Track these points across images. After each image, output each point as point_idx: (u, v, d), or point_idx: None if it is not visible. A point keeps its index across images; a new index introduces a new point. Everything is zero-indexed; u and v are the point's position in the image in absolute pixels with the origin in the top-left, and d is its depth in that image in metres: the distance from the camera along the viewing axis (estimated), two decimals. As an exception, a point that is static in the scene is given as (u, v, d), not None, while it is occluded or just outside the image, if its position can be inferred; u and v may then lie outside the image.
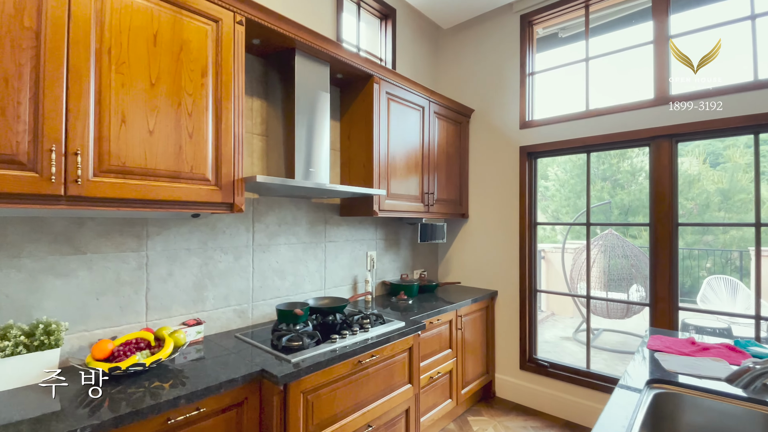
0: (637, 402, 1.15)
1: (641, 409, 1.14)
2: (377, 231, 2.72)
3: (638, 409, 1.12)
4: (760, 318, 2.09)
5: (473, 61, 3.11)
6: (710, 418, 1.21)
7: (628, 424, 1.01)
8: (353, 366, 1.63)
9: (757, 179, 2.10)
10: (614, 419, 1.04)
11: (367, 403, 1.71)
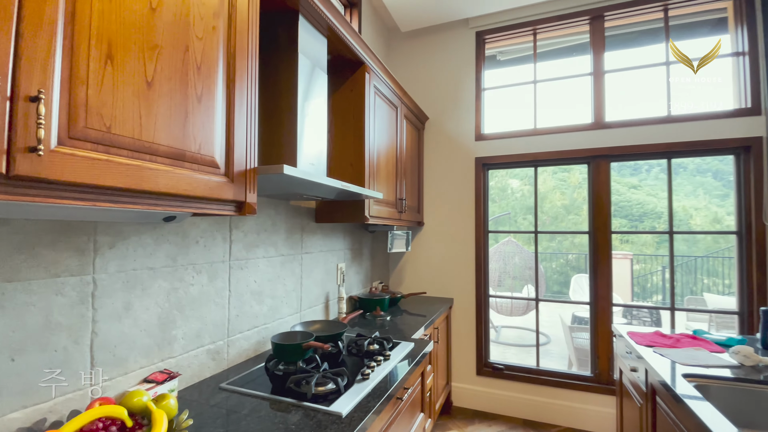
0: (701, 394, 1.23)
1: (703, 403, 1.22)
2: (345, 240, 2.41)
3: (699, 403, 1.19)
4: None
5: (429, 68, 3.10)
6: (732, 397, 1.38)
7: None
8: (394, 404, 1.35)
9: (669, 197, 2.62)
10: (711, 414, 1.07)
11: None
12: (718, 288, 6.65)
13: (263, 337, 1.66)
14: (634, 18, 2.69)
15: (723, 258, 7.08)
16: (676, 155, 2.53)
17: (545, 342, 5.01)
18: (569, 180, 10.31)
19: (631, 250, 8.07)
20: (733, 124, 2.37)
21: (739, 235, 2.42)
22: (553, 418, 2.63)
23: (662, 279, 7.44)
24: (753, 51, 2.35)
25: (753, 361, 1.52)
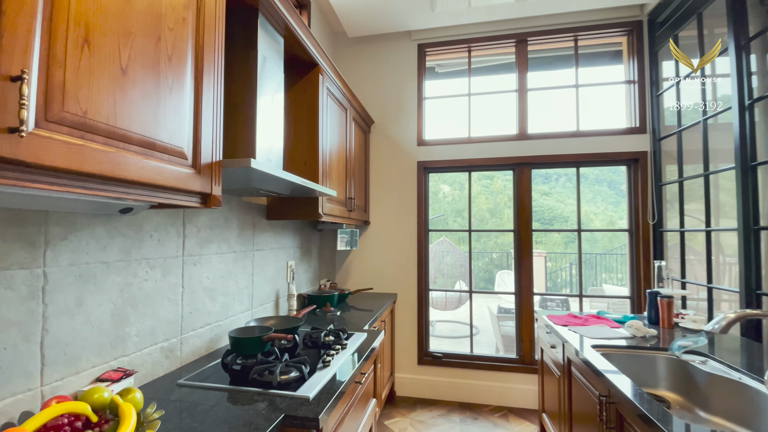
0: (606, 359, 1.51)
1: (608, 364, 1.50)
2: (295, 238, 2.43)
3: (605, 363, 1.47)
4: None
5: (374, 74, 3.23)
6: (628, 362, 1.70)
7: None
8: (354, 388, 1.43)
9: (578, 199, 3.05)
10: (614, 374, 1.33)
11: (361, 421, 1.52)
12: (613, 280, 7.76)
13: (216, 335, 1.63)
14: (552, 44, 3.10)
15: (617, 255, 8.26)
16: (583, 164, 2.97)
17: (475, 333, 5.41)
18: (493, 186, 11.24)
19: (545, 249, 9.06)
20: (626, 140, 2.86)
21: (630, 233, 2.91)
22: (486, 398, 2.90)
23: (569, 274, 8.46)
24: (641, 80, 2.86)
25: (642, 332, 1.88)
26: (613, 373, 1.39)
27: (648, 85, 2.82)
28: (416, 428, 2.54)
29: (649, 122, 2.81)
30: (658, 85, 2.76)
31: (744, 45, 1.93)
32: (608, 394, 1.38)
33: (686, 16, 2.39)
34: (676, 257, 2.57)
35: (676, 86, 2.53)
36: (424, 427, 2.56)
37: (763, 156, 1.91)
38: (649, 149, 2.81)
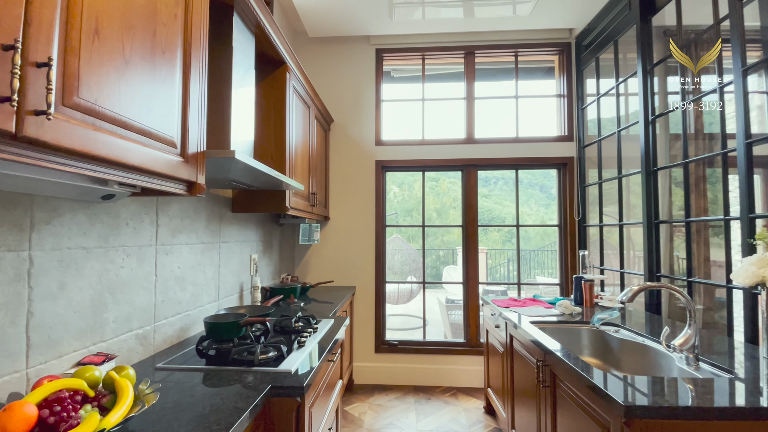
0: (542, 332, 1.78)
1: (544, 335, 1.77)
2: (258, 231, 2.46)
3: (542, 334, 1.74)
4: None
5: (334, 74, 3.34)
6: (559, 334, 2.00)
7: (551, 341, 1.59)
8: (327, 365, 1.55)
9: (516, 198, 3.41)
10: (548, 342, 1.60)
11: (329, 403, 1.63)
12: (545, 274, 8.55)
13: (186, 324, 1.65)
14: (496, 58, 3.43)
15: (548, 251, 9.11)
16: (521, 167, 3.34)
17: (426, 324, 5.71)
18: (439, 188, 11.80)
19: (485, 246, 9.71)
20: (556, 146, 3.26)
21: (560, 228, 3.32)
22: (437, 380, 3.14)
23: (507, 269, 9.17)
24: (569, 94, 3.28)
25: (570, 310, 2.20)
26: (548, 341, 1.65)
27: (575, 99, 3.25)
28: (374, 411, 2.70)
29: (576, 131, 3.24)
30: (583, 99, 3.20)
31: (649, 70, 2.35)
32: (544, 358, 1.64)
33: (606, 42, 2.81)
34: (596, 249, 3.00)
35: (597, 101, 2.95)
36: (381, 409, 2.72)
37: (662, 162, 2.34)
38: (575, 155, 3.23)
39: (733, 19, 1.71)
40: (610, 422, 1.13)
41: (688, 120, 2.15)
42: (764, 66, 1.71)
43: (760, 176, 2.35)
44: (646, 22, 2.35)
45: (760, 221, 1.67)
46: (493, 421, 2.57)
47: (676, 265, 2.48)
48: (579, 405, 1.33)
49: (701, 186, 2.64)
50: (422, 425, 2.50)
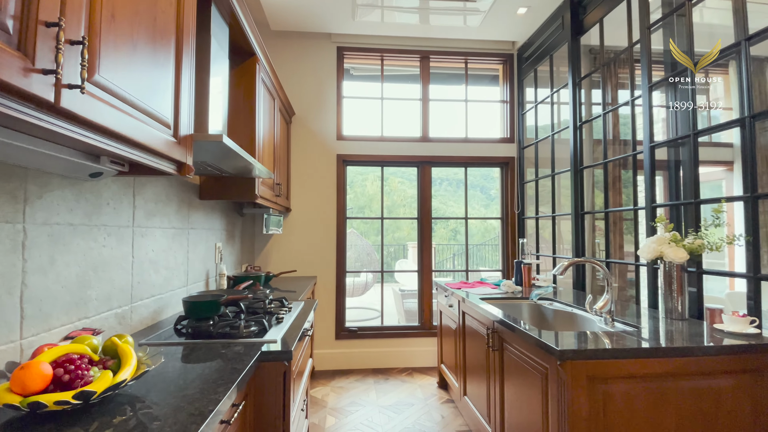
0: (497, 309, 2.04)
1: (495, 308, 2.04)
2: (222, 220, 2.47)
3: (492, 307, 2.01)
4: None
5: (295, 68, 3.39)
6: (505, 308, 2.28)
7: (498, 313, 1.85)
8: (303, 340, 1.66)
9: (465, 194, 3.72)
10: (503, 313, 1.86)
11: (302, 380, 1.74)
12: (486, 266, 9.18)
13: (159, 307, 1.66)
14: (448, 63, 3.71)
15: (489, 246, 9.79)
16: (470, 165, 3.65)
17: (378, 316, 5.92)
18: (389, 186, 12.13)
19: (432, 242, 10.20)
20: (500, 147, 3.62)
21: (502, 220, 3.69)
22: (395, 362, 3.34)
23: (453, 263, 9.72)
24: (512, 100, 3.65)
25: (512, 289, 2.51)
26: (496, 311, 1.91)
27: (516, 105, 3.63)
28: (337, 393, 2.83)
29: (517, 134, 3.62)
30: (523, 105, 3.58)
31: (578, 82, 2.74)
32: (493, 326, 1.89)
33: (543, 56, 3.19)
34: (533, 238, 3.39)
35: (535, 108, 3.34)
36: (343, 391, 2.86)
37: (587, 162, 2.73)
38: (516, 155, 3.61)
39: (642, 42, 2.10)
40: (547, 367, 1.39)
41: (608, 127, 2.55)
42: (665, 83, 2.12)
43: (661, 177, 2.85)
44: (575, 40, 2.74)
45: (660, 210, 2.07)
46: (446, 394, 2.83)
47: (597, 250, 2.91)
48: (523, 360, 1.59)
49: (617, 184, 3.12)
50: (382, 401, 2.69)
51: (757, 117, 1.58)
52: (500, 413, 1.83)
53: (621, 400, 1.29)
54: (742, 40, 1.58)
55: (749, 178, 1.58)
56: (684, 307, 1.71)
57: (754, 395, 1.35)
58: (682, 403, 1.31)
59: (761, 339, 1.39)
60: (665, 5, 2.11)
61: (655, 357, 1.32)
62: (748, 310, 1.59)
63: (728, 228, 3.54)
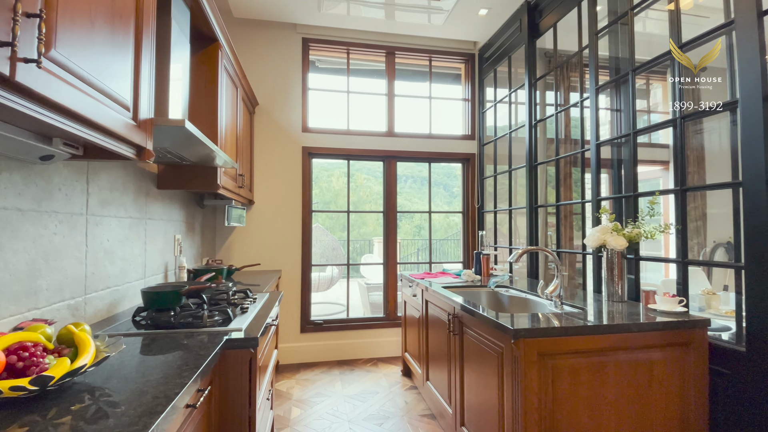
0: (458, 296, 2.13)
1: (456, 295, 2.13)
2: (181, 212, 2.39)
3: (453, 295, 2.10)
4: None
5: (259, 57, 3.32)
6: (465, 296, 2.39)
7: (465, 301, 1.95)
8: (268, 330, 1.66)
9: (429, 188, 3.81)
10: (463, 299, 1.95)
11: (267, 371, 1.74)
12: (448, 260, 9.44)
13: (115, 299, 1.60)
14: (414, 60, 3.78)
15: (451, 241, 10.07)
16: (434, 160, 3.76)
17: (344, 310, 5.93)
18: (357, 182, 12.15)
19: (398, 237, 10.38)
20: (462, 144, 3.75)
21: (464, 214, 3.83)
22: (360, 353, 3.39)
23: (417, 258, 9.92)
24: (473, 99, 3.79)
25: (472, 278, 2.63)
26: (457, 298, 2.01)
27: (477, 103, 3.77)
28: (302, 385, 2.83)
29: (477, 131, 3.77)
30: (483, 104, 3.73)
31: (533, 83, 2.90)
32: (454, 312, 1.99)
33: (502, 57, 3.34)
34: (492, 231, 3.55)
35: (494, 107, 3.49)
36: (309, 383, 2.87)
37: (541, 159, 2.90)
38: (476, 152, 3.76)
39: (591, 47, 2.27)
40: (503, 347, 1.49)
41: (560, 127, 2.73)
42: (610, 86, 2.30)
43: (606, 174, 3.08)
44: (532, 43, 2.89)
45: (605, 203, 2.25)
46: (410, 381, 2.92)
47: (549, 242, 3.11)
48: (481, 342, 1.69)
49: (568, 181, 3.34)
50: (347, 391, 2.72)
51: (687, 118, 1.76)
52: (460, 394, 1.93)
53: (567, 374, 1.42)
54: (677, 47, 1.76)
55: (680, 172, 1.77)
56: (624, 290, 1.88)
57: (682, 366, 1.53)
58: (620, 374, 1.46)
59: (688, 316, 1.57)
60: (611, 14, 2.28)
61: (597, 333, 1.45)
62: (677, 292, 1.78)
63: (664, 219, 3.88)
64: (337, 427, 2.25)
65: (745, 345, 1.46)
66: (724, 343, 1.57)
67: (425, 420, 2.34)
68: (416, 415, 2.39)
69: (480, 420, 1.72)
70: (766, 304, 1.39)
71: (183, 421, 0.92)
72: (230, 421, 1.24)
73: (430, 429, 2.23)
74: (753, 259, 1.42)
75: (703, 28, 1.70)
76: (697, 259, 3.04)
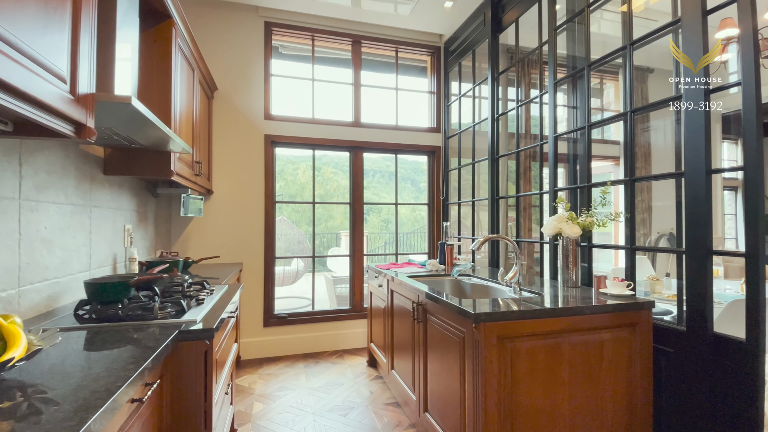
0: (423, 285, 2.15)
1: (424, 287, 2.15)
2: (132, 200, 2.24)
3: (418, 283, 2.12)
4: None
5: (219, 40, 3.17)
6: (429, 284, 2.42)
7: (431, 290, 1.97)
8: (226, 323, 1.60)
9: (396, 181, 3.82)
10: (428, 288, 1.97)
11: (226, 364, 1.68)
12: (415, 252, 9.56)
13: (55, 292, 1.47)
14: (380, 50, 3.75)
15: (418, 234, 10.20)
16: (400, 152, 3.76)
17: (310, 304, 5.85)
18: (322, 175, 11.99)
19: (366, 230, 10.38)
20: (428, 136, 3.78)
21: (429, 206, 3.87)
22: (325, 346, 3.36)
23: (384, 251, 9.97)
24: (438, 92, 3.83)
25: (436, 267, 2.66)
26: (421, 286, 2.03)
27: (442, 96, 3.81)
28: (265, 380, 2.76)
29: (443, 124, 3.81)
30: (448, 97, 3.77)
31: (496, 77, 2.96)
32: (418, 300, 2.00)
33: (466, 50, 3.38)
34: (456, 223, 3.62)
35: (459, 100, 3.54)
36: (272, 377, 2.81)
37: (503, 152, 2.98)
38: (442, 144, 3.81)
39: (550, 43, 2.34)
40: (465, 331, 1.52)
41: (521, 121, 2.81)
42: (568, 83, 2.39)
43: (563, 168, 3.21)
44: (495, 37, 2.95)
45: (562, 193, 2.34)
46: (375, 371, 2.93)
47: (509, 233, 3.21)
48: (444, 329, 1.72)
49: (528, 174, 3.45)
50: (312, 384, 2.69)
51: (636, 111, 1.86)
52: (423, 381, 1.95)
53: (525, 355, 1.47)
54: (628, 45, 1.85)
55: (629, 164, 1.87)
56: (578, 276, 1.98)
57: (629, 345, 1.62)
58: (573, 355, 1.53)
59: (634, 299, 1.67)
60: (569, 12, 2.37)
61: (552, 316, 1.51)
62: (626, 277, 1.89)
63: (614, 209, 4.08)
64: (301, 419, 2.22)
65: (685, 324, 1.58)
66: (666, 323, 1.69)
67: (390, 408, 2.35)
68: (381, 404, 2.41)
69: (443, 404, 1.75)
70: (704, 286, 1.50)
71: (128, 417, 0.86)
72: (184, 416, 1.19)
73: (394, 417, 2.25)
74: (693, 244, 1.54)
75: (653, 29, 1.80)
76: (644, 246, 3.24)
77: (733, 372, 1.44)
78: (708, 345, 1.49)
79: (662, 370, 1.66)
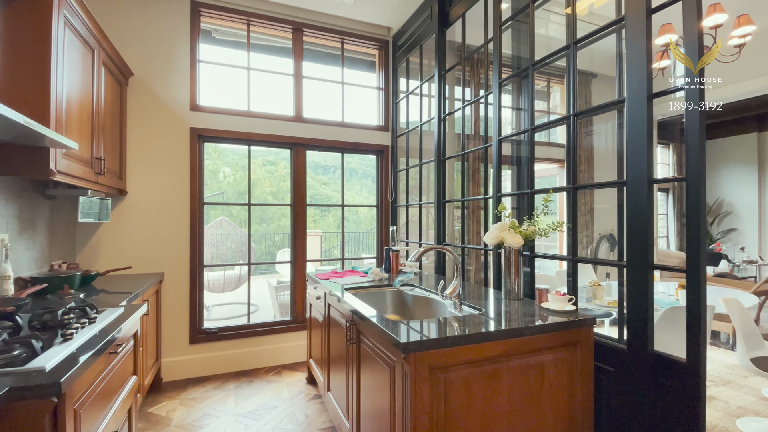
0: (355, 296, 1.95)
1: (355, 299, 1.95)
2: (9, 205, 1.85)
3: (353, 298, 1.93)
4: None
5: (136, 20, 2.76)
6: (369, 297, 2.23)
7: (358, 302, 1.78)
8: (108, 359, 1.30)
9: (342, 182, 3.59)
10: (355, 303, 1.77)
11: (113, 404, 1.39)
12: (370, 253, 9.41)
13: None
14: (324, 41, 3.49)
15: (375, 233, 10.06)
16: (346, 151, 3.54)
17: (254, 310, 5.48)
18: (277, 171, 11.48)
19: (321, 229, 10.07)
20: (376, 134, 3.59)
21: (378, 208, 3.69)
22: (262, 362, 3.08)
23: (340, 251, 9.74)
24: (386, 88, 3.64)
25: (379, 276, 2.48)
26: (353, 303, 1.83)
27: (391, 93, 3.63)
28: (187, 406, 2.45)
29: (391, 123, 3.63)
30: (397, 94, 3.60)
31: (443, 75, 2.81)
32: (351, 318, 1.80)
33: (414, 45, 3.22)
34: (405, 226, 3.46)
35: (407, 98, 3.38)
36: (195, 402, 2.49)
37: (450, 153, 2.85)
38: (390, 144, 3.63)
39: (495, 40, 2.21)
40: (395, 359, 1.34)
41: (468, 122, 2.69)
42: (514, 84, 2.29)
43: (510, 171, 3.15)
44: (442, 32, 2.80)
45: (507, 199, 2.24)
46: (314, 389, 2.70)
47: (457, 236, 3.10)
48: (375, 353, 1.53)
49: (476, 176, 3.36)
50: (241, 408, 2.42)
51: (579, 115, 1.77)
52: (357, 407, 1.76)
53: (461, 386, 1.31)
54: (572, 44, 1.75)
55: (572, 170, 1.78)
56: (520, 288, 1.87)
57: (570, 366, 1.52)
58: (513, 381, 1.40)
59: (576, 315, 1.58)
60: (515, 10, 2.26)
61: (491, 340, 1.37)
62: (568, 288, 1.80)
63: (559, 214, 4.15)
64: (222, 454, 1.95)
65: (626, 342, 1.50)
66: (607, 340, 1.61)
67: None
68: (316, 430, 2.19)
69: (374, 437, 1.56)
70: (645, 301, 1.43)
71: None
72: (19, 498, 0.90)
73: (329, 444, 2.05)
74: (634, 256, 1.45)
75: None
76: (586, 255, 3.25)
77: (674, 392, 1.37)
78: (649, 365, 1.42)
79: (603, 390, 1.59)
